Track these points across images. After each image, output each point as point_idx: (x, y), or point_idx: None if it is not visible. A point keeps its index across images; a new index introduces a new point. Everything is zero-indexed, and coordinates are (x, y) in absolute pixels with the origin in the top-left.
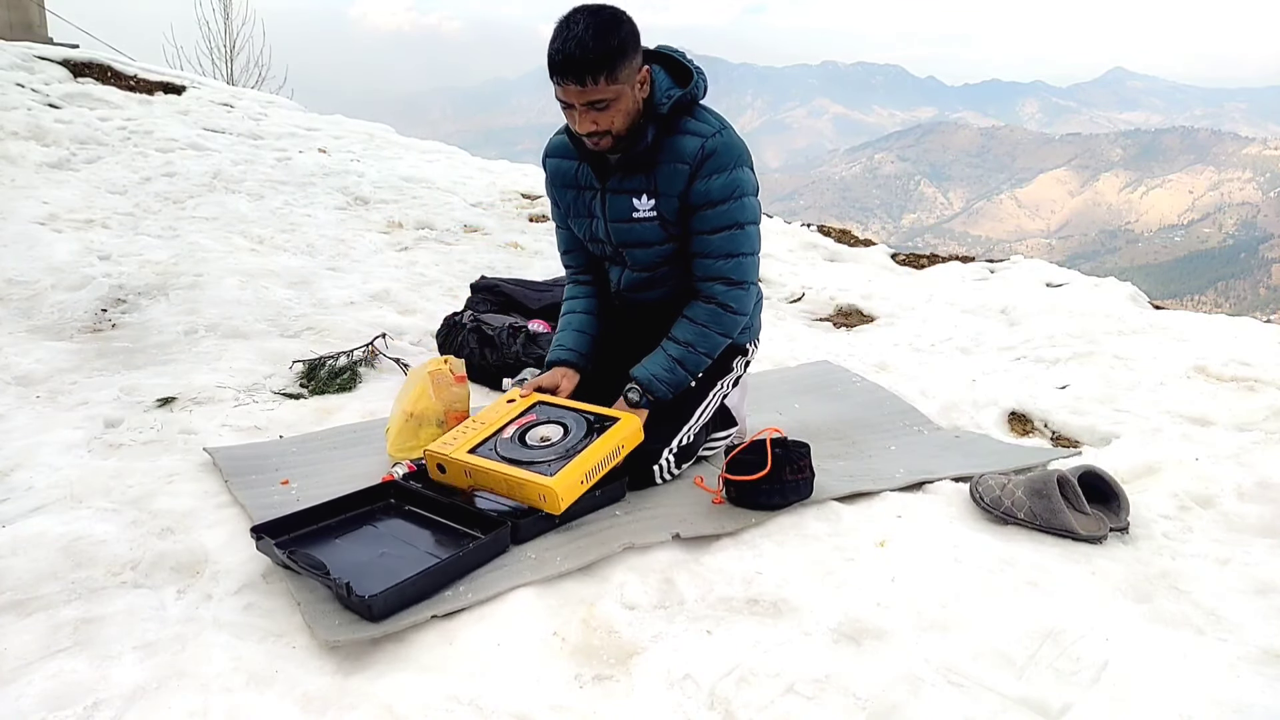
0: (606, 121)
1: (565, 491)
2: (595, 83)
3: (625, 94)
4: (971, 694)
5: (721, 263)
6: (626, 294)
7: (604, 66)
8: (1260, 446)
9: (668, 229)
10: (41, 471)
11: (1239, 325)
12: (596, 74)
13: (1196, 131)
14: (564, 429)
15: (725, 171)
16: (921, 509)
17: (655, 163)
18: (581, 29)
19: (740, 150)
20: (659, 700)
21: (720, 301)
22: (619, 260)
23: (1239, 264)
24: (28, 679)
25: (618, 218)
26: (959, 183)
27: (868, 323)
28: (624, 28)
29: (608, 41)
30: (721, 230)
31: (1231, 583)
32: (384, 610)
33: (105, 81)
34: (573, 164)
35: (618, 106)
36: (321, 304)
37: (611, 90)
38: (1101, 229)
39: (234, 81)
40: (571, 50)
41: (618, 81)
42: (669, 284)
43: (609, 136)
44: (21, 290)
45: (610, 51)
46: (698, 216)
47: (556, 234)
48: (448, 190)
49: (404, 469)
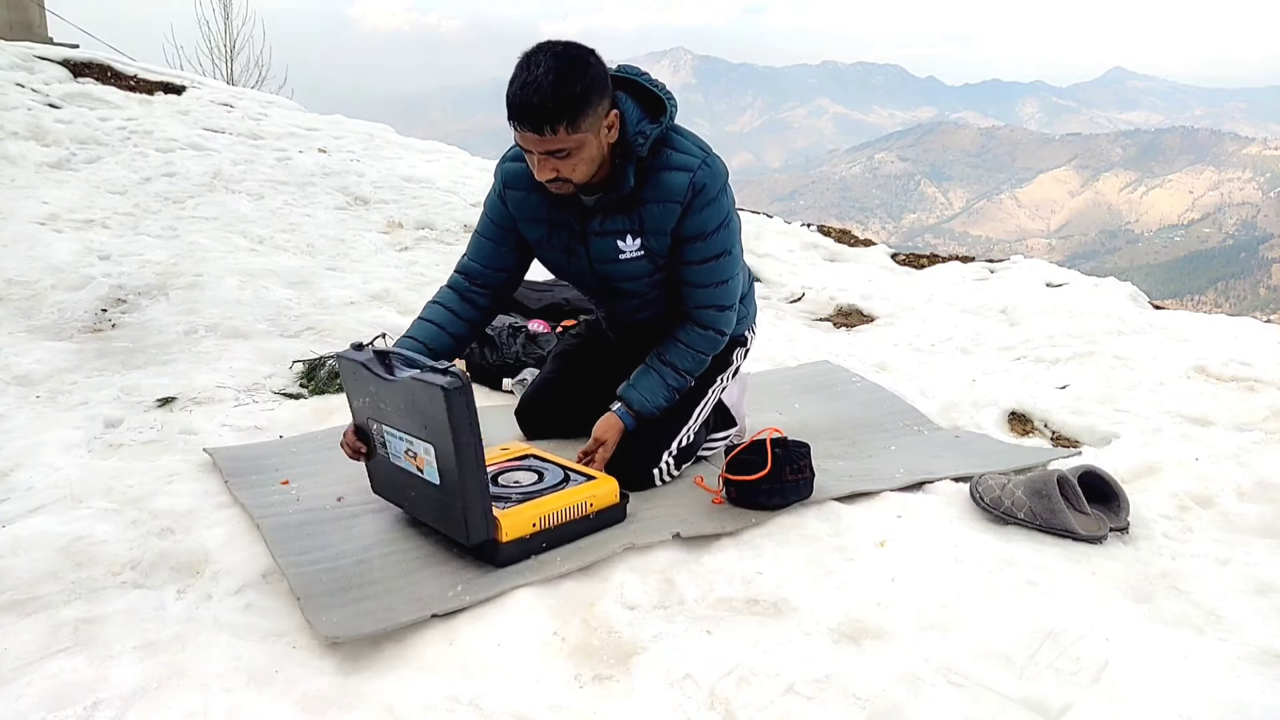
0: (568, 170)
1: (510, 528)
2: (554, 132)
3: (588, 141)
4: (971, 694)
5: (712, 290)
6: (619, 319)
7: (564, 115)
8: (1260, 446)
9: (655, 261)
10: (41, 471)
11: (1239, 325)
12: (555, 123)
13: (1196, 131)
14: (539, 476)
15: (714, 202)
16: (921, 509)
17: (640, 202)
18: (541, 73)
19: (723, 174)
20: (659, 700)
21: (714, 327)
22: (606, 295)
23: (1239, 264)
24: (28, 679)
25: (603, 259)
26: (959, 183)
27: (868, 323)
28: (589, 71)
29: (569, 89)
30: (711, 260)
31: (1231, 583)
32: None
33: (105, 81)
34: (540, 198)
35: (579, 155)
36: (321, 304)
37: (573, 140)
38: (1102, 229)
39: (234, 81)
40: (529, 97)
41: (579, 130)
42: (660, 304)
43: (570, 184)
44: (21, 290)
45: (572, 99)
46: (689, 248)
47: (473, 240)
48: (448, 190)
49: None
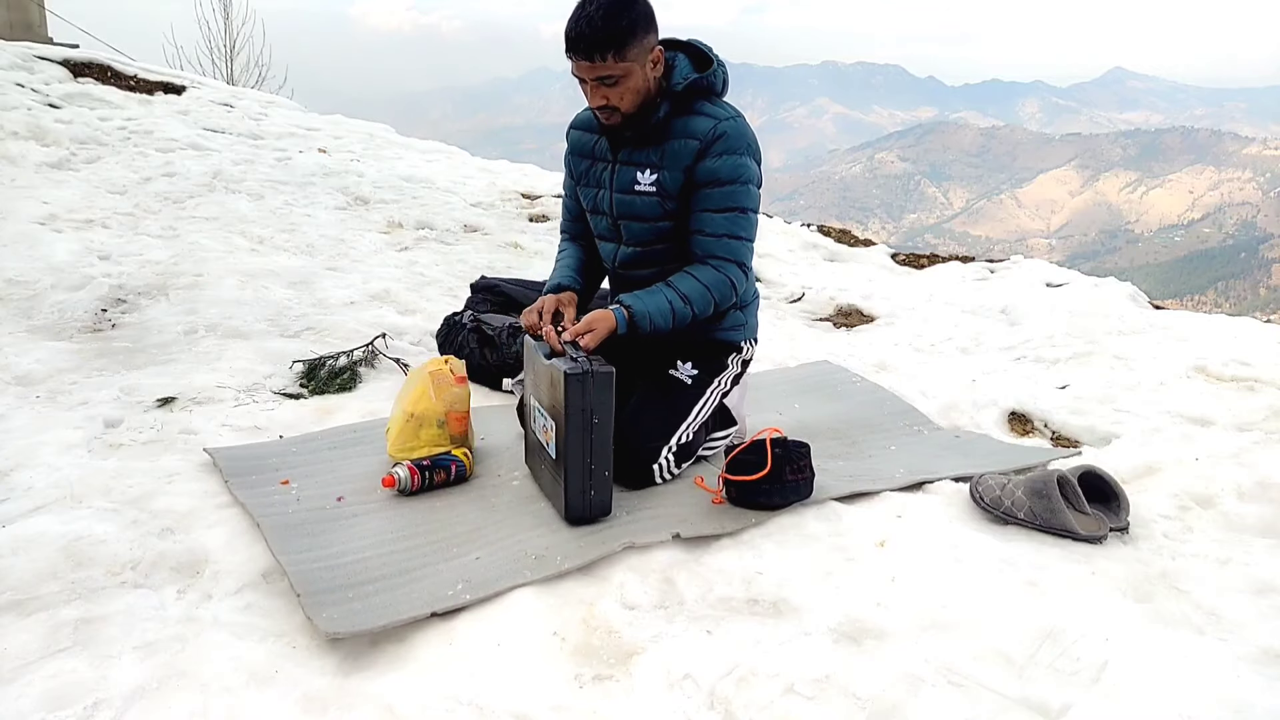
0: (616, 97)
1: None
2: (603, 59)
3: (634, 71)
4: (971, 694)
5: (725, 242)
6: (620, 270)
7: (611, 44)
8: (1260, 446)
9: (665, 205)
10: (41, 471)
11: (1239, 325)
12: (604, 51)
13: (1196, 131)
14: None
15: (734, 154)
16: (921, 509)
17: (666, 137)
18: (593, 9)
19: (751, 140)
20: (659, 700)
21: (724, 273)
22: (616, 235)
23: (1239, 264)
24: (28, 679)
25: (622, 189)
26: (959, 183)
27: (868, 323)
28: (635, 8)
29: (617, 21)
30: (726, 211)
31: (1231, 583)
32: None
33: (105, 81)
34: (592, 137)
35: (627, 84)
36: (321, 304)
37: (620, 67)
38: (1102, 229)
39: (234, 81)
40: (582, 28)
41: (625, 59)
42: (662, 263)
43: (619, 114)
44: (21, 290)
45: (619, 30)
46: (702, 194)
47: (563, 205)
48: (448, 190)
49: (405, 470)
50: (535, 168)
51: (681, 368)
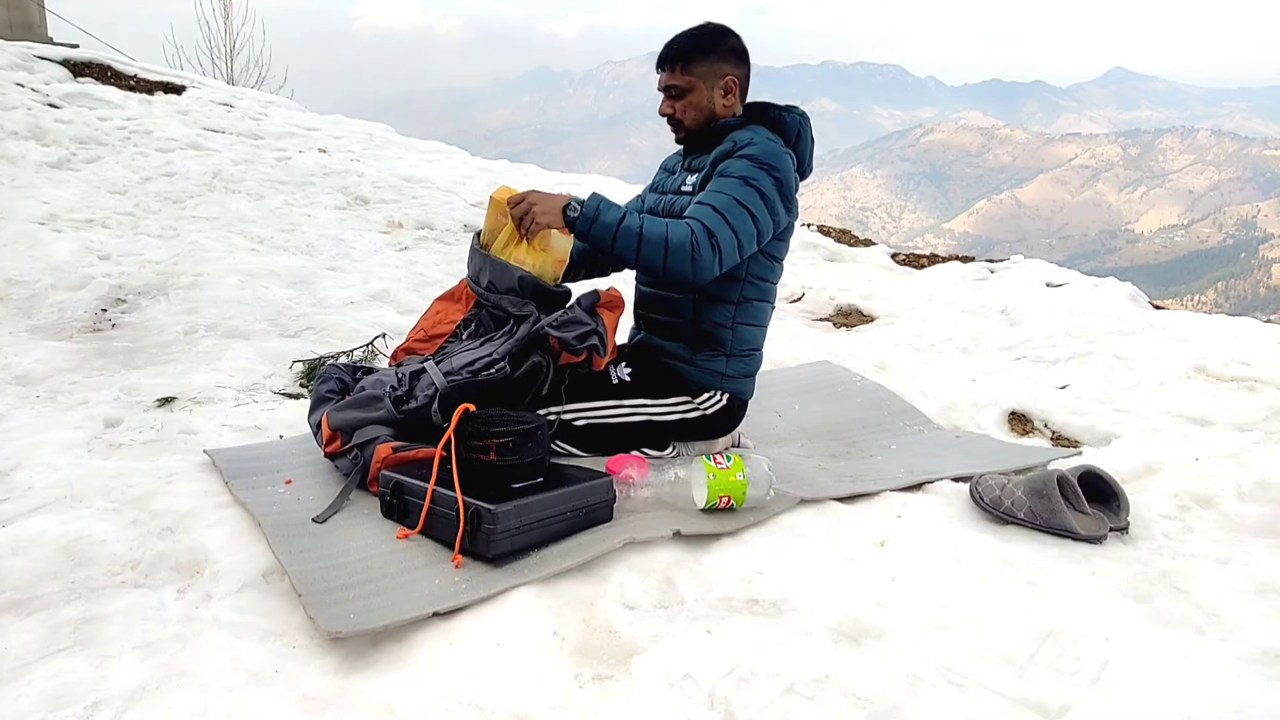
0: (680, 109)
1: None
2: (672, 70)
3: (698, 88)
4: (971, 694)
5: (705, 208)
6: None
7: (680, 59)
8: (1260, 446)
9: None
10: (41, 471)
11: (1239, 325)
12: (674, 63)
13: (1196, 131)
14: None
15: (755, 162)
16: (921, 509)
17: (715, 145)
18: (685, 31)
19: (782, 163)
20: (659, 700)
21: (689, 228)
22: None
23: (1239, 264)
24: (28, 679)
25: (674, 190)
26: (959, 183)
27: (868, 323)
28: (719, 39)
29: (695, 41)
30: (719, 192)
31: (1231, 583)
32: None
33: (105, 81)
34: (677, 155)
35: (690, 98)
36: (321, 304)
37: (684, 80)
38: (1101, 229)
39: (234, 81)
40: (668, 43)
41: (691, 74)
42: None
43: (682, 127)
44: (21, 290)
45: (691, 49)
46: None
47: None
48: (448, 190)
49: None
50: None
51: (619, 369)
